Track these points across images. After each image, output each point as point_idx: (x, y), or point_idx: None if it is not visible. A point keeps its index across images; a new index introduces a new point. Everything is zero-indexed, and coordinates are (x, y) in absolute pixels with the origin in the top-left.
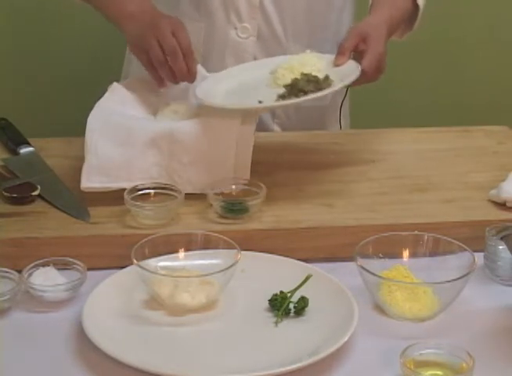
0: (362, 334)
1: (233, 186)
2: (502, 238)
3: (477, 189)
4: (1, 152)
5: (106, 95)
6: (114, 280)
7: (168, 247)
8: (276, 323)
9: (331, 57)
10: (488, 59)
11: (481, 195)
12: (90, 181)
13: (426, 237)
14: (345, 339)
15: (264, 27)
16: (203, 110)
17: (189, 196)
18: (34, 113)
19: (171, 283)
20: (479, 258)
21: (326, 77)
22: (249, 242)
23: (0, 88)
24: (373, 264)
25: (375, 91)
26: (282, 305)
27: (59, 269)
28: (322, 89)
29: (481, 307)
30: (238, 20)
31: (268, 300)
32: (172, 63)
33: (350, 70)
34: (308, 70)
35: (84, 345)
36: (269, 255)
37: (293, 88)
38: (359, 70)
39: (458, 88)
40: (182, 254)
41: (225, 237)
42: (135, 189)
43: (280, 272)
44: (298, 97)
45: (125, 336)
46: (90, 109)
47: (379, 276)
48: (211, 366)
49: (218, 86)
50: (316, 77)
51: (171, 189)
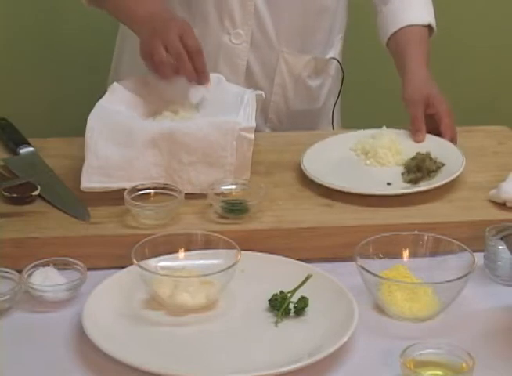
0: (362, 334)
1: (233, 186)
2: (502, 238)
3: (477, 189)
4: (1, 152)
5: (107, 95)
6: (114, 280)
7: (168, 247)
8: (276, 323)
9: (407, 132)
10: (489, 59)
11: (481, 195)
12: (90, 181)
13: (426, 237)
14: (345, 339)
15: (257, 32)
16: (203, 111)
17: (189, 196)
18: (34, 113)
19: (171, 283)
20: (479, 258)
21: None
22: (249, 242)
23: (0, 88)
24: (373, 264)
25: (375, 91)
26: (282, 305)
27: (59, 269)
28: (440, 166)
29: (481, 307)
30: (232, 26)
31: (268, 300)
32: (180, 66)
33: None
34: (410, 147)
35: (84, 345)
36: (269, 255)
37: (420, 169)
38: (461, 156)
39: (458, 89)
40: (182, 254)
41: (225, 237)
42: (135, 189)
43: (280, 272)
44: (429, 177)
45: (125, 336)
46: (90, 109)
47: (379, 276)
48: (211, 366)
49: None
50: (429, 154)
51: (171, 189)
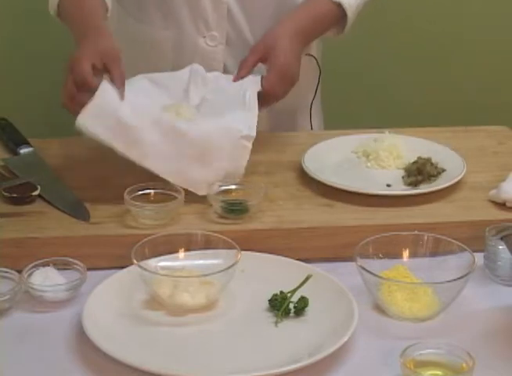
0: (362, 334)
1: (233, 186)
2: (502, 238)
3: (477, 189)
4: (1, 152)
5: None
6: (114, 280)
7: (168, 247)
8: (276, 323)
9: (408, 137)
10: (489, 59)
11: (481, 195)
12: (87, 121)
13: (426, 237)
14: (345, 339)
15: (232, 34)
16: (203, 110)
17: (189, 196)
18: (34, 113)
19: (171, 284)
20: (479, 258)
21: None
22: (249, 242)
23: (0, 88)
24: (373, 264)
25: (375, 91)
26: (282, 305)
27: (59, 269)
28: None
29: (481, 307)
30: (206, 29)
31: (268, 300)
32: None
33: None
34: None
35: (84, 345)
36: (269, 255)
37: (421, 173)
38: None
39: (458, 88)
40: (182, 254)
41: (225, 237)
42: (135, 189)
43: (280, 272)
44: (430, 181)
45: (125, 336)
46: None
47: (379, 277)
48: (211, 366)
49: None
50: (430, 159)
51: (171, 190)
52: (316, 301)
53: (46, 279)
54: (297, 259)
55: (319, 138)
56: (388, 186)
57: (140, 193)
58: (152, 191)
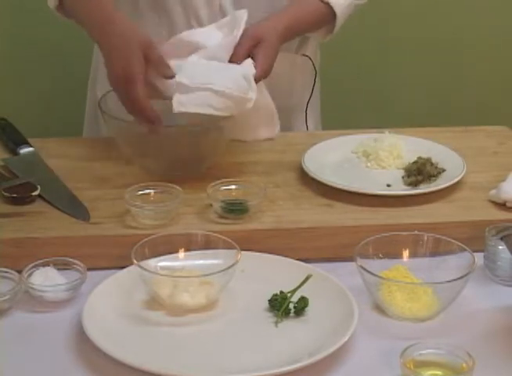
0: (362, 334)
1: (233, 186)
2: (502, 238)
3: (477, 189)
4: (1, 152)
5: None
6: (114, 280)
7: (168, 247)
8: (276, 324)
9: (408, 138)
10: (489, 59)
11: (481, 195)
12: (183, 105)
13: (426, 237)
14: (345, 339)
15: None
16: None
17: (189, 196)
18: (34, 113)
19: (170, 284)
20: (479, 258)
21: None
22: (249, 242)
23: (0, 88)
24: (373, 264)
25: (375, 91)
26: (282, 305)
27: (59, 269)
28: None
29: (481, 307)
30: (198, 25)
31: (268, 300)
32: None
33: None
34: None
35: (84, 345)
36: (269, 255)
37: (421, 173)
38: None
39: (458, 89)
40: (181, 254)
41: (224, 237)
42: (135, 189)
43: (280, 272)
44: (430, 181)
45: (125, 336)
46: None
47: (379, 277)
48: (211, 366)
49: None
50: (430, 159)
51: (171, 190)
52: (316, 301)
53: (46, 279)
54: (297, 259)
55: (319, 138)
56: (388, 186)
57: (140, 193)
58: (152, 191)
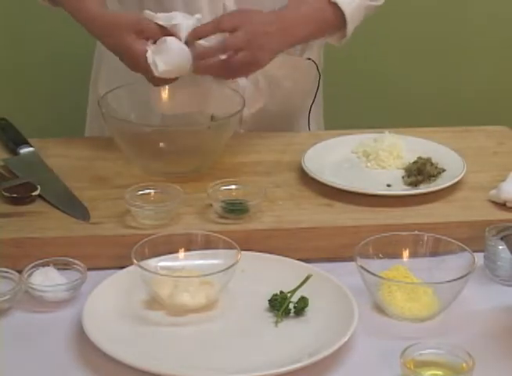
0: (362, 334)
1: (233, 186)
2: (502, 238)
3: (477, 189)
4: (1, 152)
5: None
6: (114, 280)
7: (168, 247)
8: (276, 324)
9: (408, 138)
10: (489, 59)
11: (481, 195)
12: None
13: (426, 237)
14: (345, 339)
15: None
16: None
17: (189, 196)
18: (34, 113)
19: (171, 284)
20: (479, 258)
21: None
22: (249, 242)
23: (0, 88)
24: (373, 264)
25: (375, 90)
26: (282, 306)
27: (59, 269)
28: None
29: (481, 307)
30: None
31: (268, 300)
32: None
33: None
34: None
35: (84, 345)
36: (269, 255)
37: (421, 173)
38: None
39: (458, 88)
40: (182, 254)
41: (225, 237)
42: (135, 189)
43: (280, 272)
44: (430, 181)
45: (125, 336)
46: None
47: (379, 277)
48: (211, 365)
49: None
50: (430, 159)
51: (171, 190)
52: (316, 301)
53: (46, 279)
54: (297, 259)
55: (319, 138)
56: (388, 186)
57: (140, 193)
58: (152, 191)
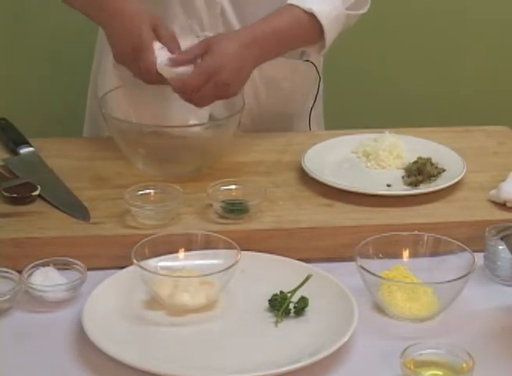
0: (362, 334)
1: (233, 186)
2: (502, 238)
3: (477, 189)
4: (1, 152)
5: None
6: (114, 280)
7: (168, 247)
8: (276, 324)
9: (408, 137)
10: (489, 59)
11: (481, 195)
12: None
13: (426, 237)
14: (345, 339)
15: None
16: None
17: (189, 196)
18: (34, 113)
19: (171, 284)
20: (479, 258)
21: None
22: (249, 242)
23: (0, 88)
24: (373, 264)
25: (375, 90)
26: (282, 306)
27: (59, 269)
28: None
29: (481, 307)
30: (200, 29)
31: (268, 300)
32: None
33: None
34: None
35: (84, 345)
36: (269, 255)
37: (421, 173)
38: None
39: (458, 89)
40: (182, 254)
41: (225, 237)
42: (135, 189)
43: (280, 272)
44: (430, 181)
45: (125, 336)
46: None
47: (379, 277)
48: (211, 365)
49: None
50: (430, 159)
51: (172, 190)
52: (316, 302)
53: (46, 279)
54: (297, 259)
55: (319, 138)
56: (388, 186)
57: (140, 193)
58: (152, 191)
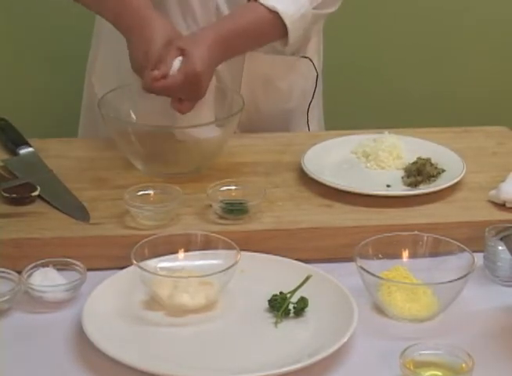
0: (362, 335)
1: (233, 187)
2: (501, 239)
3: (477, 190)
4: (0, 152)
5: None
6: (114, 280)
7: (168, 247)
8: (276, 324)
9: (408, 138)
10: (489, 60)
11: (481, 195)
12: None
13: (426, 238)
14: (345, 339)
15: None
16: None
17: (188, 196)
18: (34, 113)
19: (170, 284)
20: (479, 258)
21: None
22: (249, 242)
23: (0, 88)
24: (373, 264)
25: (375, 90)
26: (281, 306)
27: (58, 269)
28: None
29: (481, 307)
30: (194, 24)
31: (268, 300)
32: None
33: None
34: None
35: (84, 345)
36: (269, 256)
37: (421, 173)
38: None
39: (458, 88)
40: (181, 254)
41: (224, 238)
42: (135, 190)
43: (280, 273)
44: (429, 181)
45: (125, 336)
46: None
47: (378, 277)
48: (211, 366)
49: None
50: (430, 159)
51: (171, 190)
52: (316, 302)
53: (46, 279)
54: (297, 259)
55: (319, 138)
56: (388, 186)
57: (140, 193)
58: (152, 191)
